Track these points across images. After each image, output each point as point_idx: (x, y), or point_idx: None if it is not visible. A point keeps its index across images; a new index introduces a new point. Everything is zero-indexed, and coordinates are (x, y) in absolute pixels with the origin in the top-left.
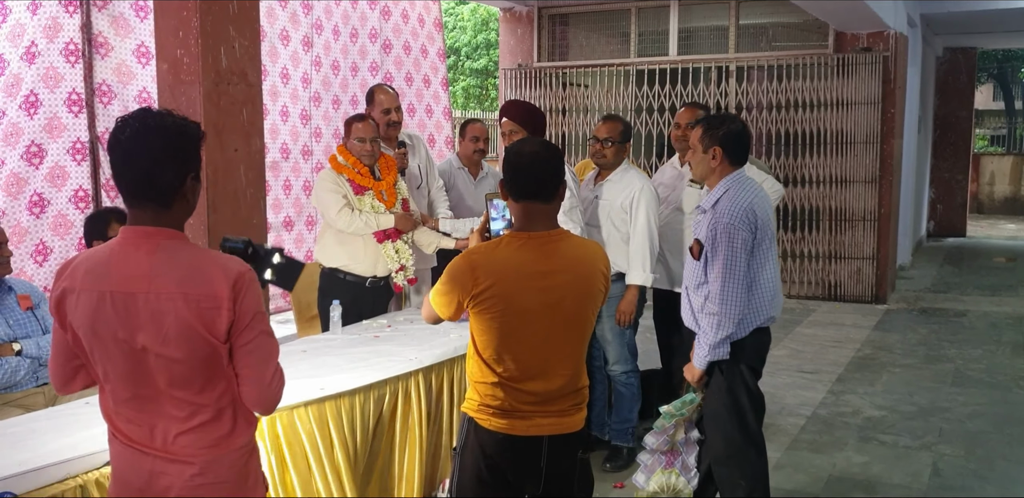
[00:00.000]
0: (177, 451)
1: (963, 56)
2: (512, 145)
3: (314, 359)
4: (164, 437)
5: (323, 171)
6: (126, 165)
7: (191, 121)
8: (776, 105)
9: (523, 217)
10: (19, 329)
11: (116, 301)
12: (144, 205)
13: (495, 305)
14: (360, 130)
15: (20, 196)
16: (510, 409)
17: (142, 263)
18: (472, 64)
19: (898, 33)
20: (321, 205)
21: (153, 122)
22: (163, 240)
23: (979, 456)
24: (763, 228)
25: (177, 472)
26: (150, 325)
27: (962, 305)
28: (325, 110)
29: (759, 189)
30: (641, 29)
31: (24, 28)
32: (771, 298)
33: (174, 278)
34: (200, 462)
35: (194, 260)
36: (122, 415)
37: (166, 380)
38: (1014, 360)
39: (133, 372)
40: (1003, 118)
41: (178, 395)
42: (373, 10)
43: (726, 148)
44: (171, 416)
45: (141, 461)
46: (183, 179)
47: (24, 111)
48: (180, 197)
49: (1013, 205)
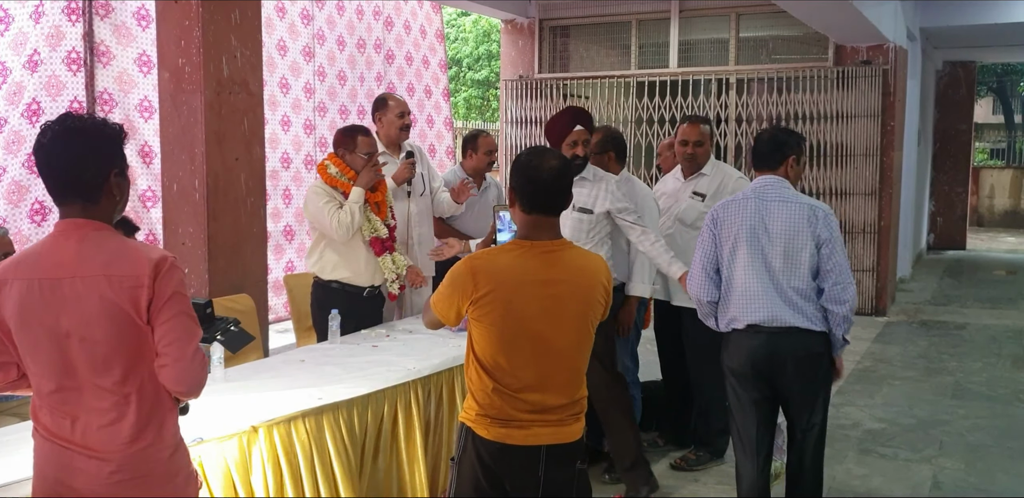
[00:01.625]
0: (96, 446)
1: (963, 70)
2: (529, 157)
3: (313, 368)
4: (84, 431)
5: (313, 186)
6: (50, 165)
7: (111, 122)
8: (776, 117)
9: (529, 227)
10: None
11: (44, 287)
12: (72, 201)
13: (494, 310)
14: (368, 145)
15: (21, 204)
16: (508, 418)
17: (70, 250)
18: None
19: (898, 46)
20: (316, 220)
21: (72, 124)
22: (91, 231)
23: (979, 469)
24: None
25: (95, 469)
26: (74, 308)
27: (962, 318)
28: (332, 120)
29: None
30: (642, 41)
31: (27, 36)
32: None
33: (99, 262)
34: (117, 458)
35: (119, 246)
36: (45, 408)
37: (88, 366)
38: (1014, 373)
39: (57, 362)
40: (1003, 131)
41: (100, 383)
42: (377, 21)
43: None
44: (93, 408)
45: (60, 456)
46: (106, 175)
47: (26, 119)
48: (106, 193)
49: (1013, 218)
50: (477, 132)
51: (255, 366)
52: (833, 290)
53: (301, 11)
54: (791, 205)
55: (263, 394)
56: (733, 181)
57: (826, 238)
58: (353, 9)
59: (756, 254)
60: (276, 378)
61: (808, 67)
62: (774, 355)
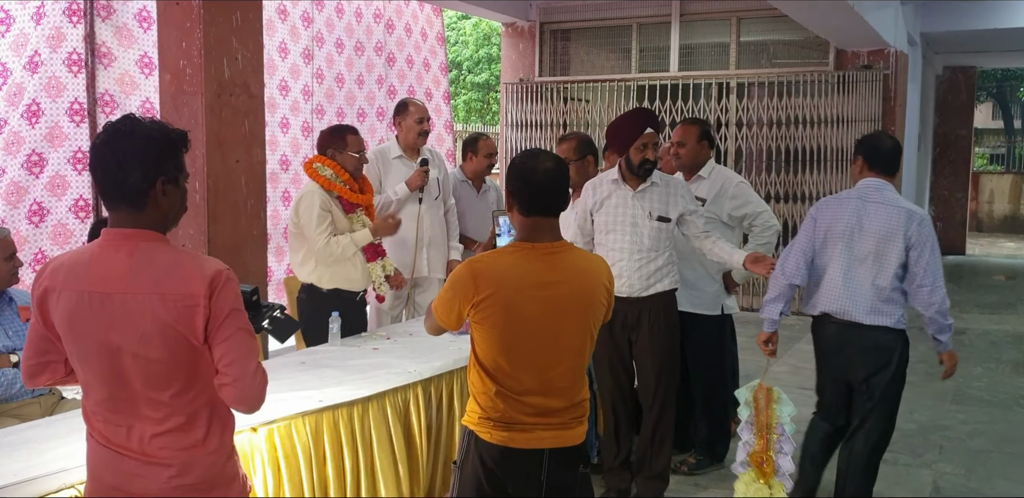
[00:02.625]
0: (153, 453)
1: (963, 75)
2: (524, 160)
3: (313, 370)
4: (140, 438)
5: (309, 187)
6: (97, 168)
7: (169, 128)
8: (776, 121)
9: (529, 229)
10: (18, 340)
11: (94, 301)
12: (117, 207)
13: (496, 313)
14: (357, 143)
15: (20, 205)
16: (511, 421)
17: (121, 264)
18: (474, 78)
19: (898, 51)
20: (307, 228)
21: (125, 127)
22: (142, 241)
23: (979, 475)
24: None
25: (154, 474)
26: (126, 325)
27: (962, 323)
28: (329, 122)
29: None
30: (642, 45)
31: (27, 38)
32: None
33: (151, 278)
34: (178, 463)
35: (172, 260)
36: (99, 415)
37: (142, 381)
38: (1014, 378)
39: (109, 372)
40: (1002, 137)
41: (153, 397)
42: (378, 24)
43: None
44: (146, 417)
45: (118, 462)
46: (151, 182)
47: (25, 120)
48: (151, 200)
49: (1012, 223)
50: (477, 135)
51: None
52: (919, 292)
53: (302, 13)
54: (890, 208)
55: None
56: (734, 186)
57: (916, 241)
58: (352, 11)
59: (846, 250)
60: (276, 380)
61: (809, 71)
62: (842, 345)
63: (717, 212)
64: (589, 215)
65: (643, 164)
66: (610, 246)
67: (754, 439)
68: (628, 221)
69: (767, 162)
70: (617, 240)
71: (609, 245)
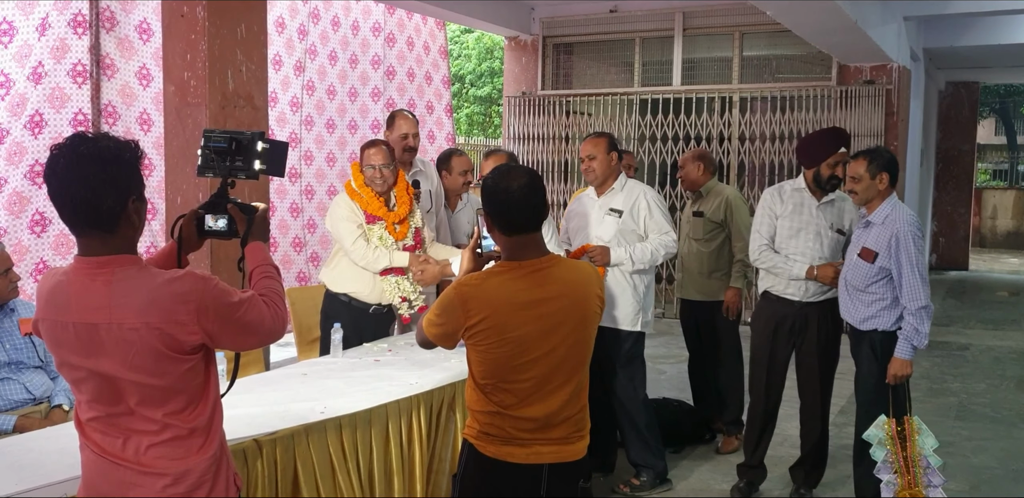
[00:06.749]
0: (149, 463)
1: (965, 90)
2: (495, 181)
3: (315, 382)
4: (136, 449)
5: (339, 196)
6: (65, 196)
7: (126, 142)
8: (779, 136)
9: (513, 248)
10: (15, 354)
11: (79, 332)
12: (90, 233)
13: (490, 337)
14: (370, 156)
15: (22, 215)
16: (509, 436)
17: (100, 294)
18: (476, 91)
19: (901, 66)
20: (336, 233)
21: (86, 150)
22: (116, 268)
23: (983, 492)
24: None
25: (150, 484)
26: (115, 354)
27: (965, 339)
28: (318, 133)
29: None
30: (645, 59)
31: (31, 49)
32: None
33: (134, 308)
34: (173, 473)
35: (150, 286)
36: (93, 427)
37: (136, 401)
38: (1018, 395)
39: (104, 395)
40: (1005, 152)
41: (149, 415)
42: (377, 37)
43: (892, 173)
44: (142, 431)
45: (114, 472)
46: (124, 203)
47: (28, 131)
48: (124, 220)
49: (1016, 239)
50: (451, 152)
51: (257, 379)
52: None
53: (299, 27)
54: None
55: (265, 408)
56: (649, 196)
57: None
58: (349, 24)
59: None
60: (278, 392)
61: (811, 86)
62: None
63: (634, 225)
64: (774, 216)
65: (831, 179)
66: (791, 250)
67: (897, 478)
68: (813, 229)
69: (769, 176)
70: (799, 245)
71: (791, 249)
